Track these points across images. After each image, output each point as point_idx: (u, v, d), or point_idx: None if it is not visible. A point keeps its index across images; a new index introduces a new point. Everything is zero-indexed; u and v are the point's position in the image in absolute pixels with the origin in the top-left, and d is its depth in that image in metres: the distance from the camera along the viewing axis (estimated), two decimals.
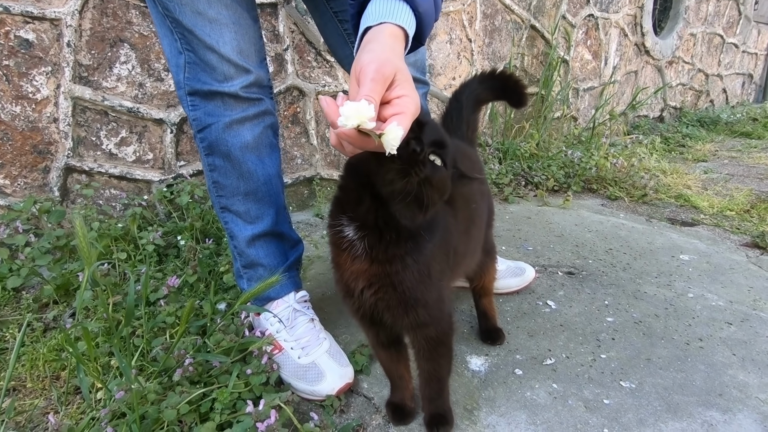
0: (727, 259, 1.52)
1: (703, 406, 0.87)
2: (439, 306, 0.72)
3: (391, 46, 0.59)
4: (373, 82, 0.53)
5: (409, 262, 0.66)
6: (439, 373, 0.78)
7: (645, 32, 3.52)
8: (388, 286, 0.67)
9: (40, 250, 1.19)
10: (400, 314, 0.69)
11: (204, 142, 0.89)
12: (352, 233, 0.65)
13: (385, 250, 0.65)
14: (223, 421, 0.78)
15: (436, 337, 0.74)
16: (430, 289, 0.69)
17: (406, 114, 0.54)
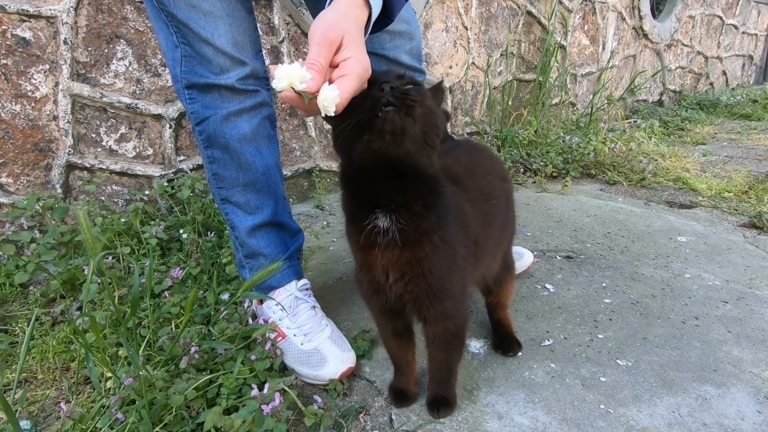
0: (724, 240, 1.53)
1: (698, 381, 0.89)
2: (463, 298, 0.74)
3: (343, 11, 0.60)
4: (318, 45, 0.55)
5: (437, 241, 0.67)
6: (449, 362, 0.80)
7: (643, 15, 3.49)
8: (419, 276, 0.68)
9: (46, 246, 1.21)
10: (426, 306, 0.70)
11: (202, 134, 0.90)
12: (385, 223, 0.66)
13: (416, 226, 0.65)
14: (229, 405, 0.80)
15: (453, 330, 0.75)
16: (456, 277, 0.71)
17: (350, 75, 0.56)
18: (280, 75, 0.52)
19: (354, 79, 0.56)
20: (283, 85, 0.53)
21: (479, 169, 0.87)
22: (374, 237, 0.67)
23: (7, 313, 1.14)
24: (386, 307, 0.74)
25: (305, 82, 0.53)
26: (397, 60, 1.01)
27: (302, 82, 0.53)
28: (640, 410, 0.82)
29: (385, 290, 0.71)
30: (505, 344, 0.99)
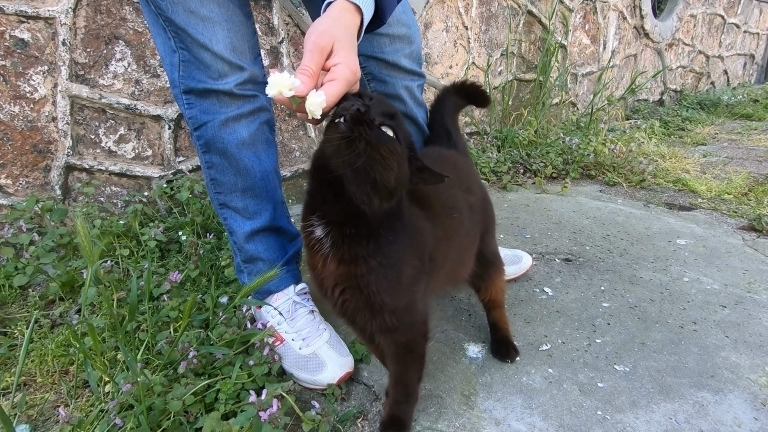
0: (723, 243, 1.53)
1: (695, 387, 0.90)
2: (410, 312, 0.71)
3: (335, 18, 0.63)
4: (310, 52, 0.59)
5: (374, 265, 0.65)
6: (406, 379, 0.78)
7: (644, 15, 3.48)
8: (354, 288, 0.66)
9: (44, 248, 1.21)
10: (368, 317, 0.69)
11: (200, 140, 0.90)
12: (320, 232, 0.66)
13: (348, 248, 0.64)
14: (227, 410, 0.80)
15: (405, 343, 0.73)
16: (399, 294, 0.68)
17: (338, 80, 0.59)
18: (271, 83, 0.57)
19: (342, 83, 0.59)
20: (274, 93, 0.57)
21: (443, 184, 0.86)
22: (313, 242, 0.67)
23: (6, 315, 1.14)
24: (336, 313, 0.73)
25: (294, 89, 0.57)
26: (396, 64, 1.01)
27: (291, 89, 0.57)
28: (637, 416, 0.83)
29: (328, 295, 0.70)
30: (502, 350, 0.99)
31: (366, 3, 0.67)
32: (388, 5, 0.72)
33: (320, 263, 0.67)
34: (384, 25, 0.74)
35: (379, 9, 0.71)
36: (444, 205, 0.80)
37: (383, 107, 0.61)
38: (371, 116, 0.59)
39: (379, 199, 0.61)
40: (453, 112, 1.06)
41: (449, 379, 0.93)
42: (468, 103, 1.08)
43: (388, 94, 1.02)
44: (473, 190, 0.91)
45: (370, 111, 0.59)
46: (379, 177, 0.59)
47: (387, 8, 0.72)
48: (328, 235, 0.65)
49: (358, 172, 0.59)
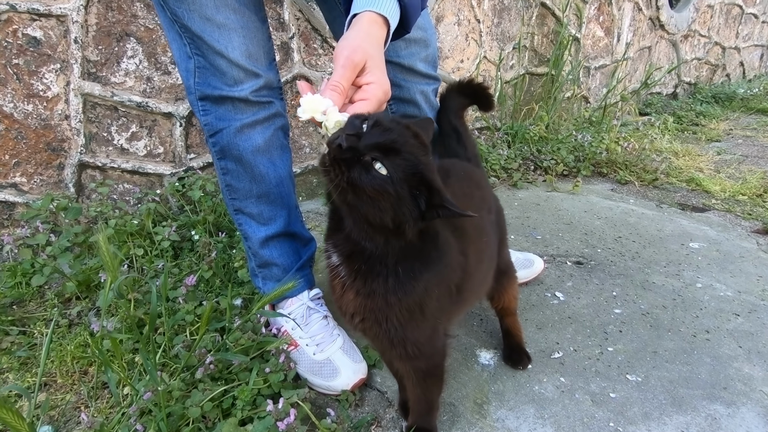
0: (737, 247, 1.52)
1: (708, 399, 0.90)
2: (432, 342, 0.70)
3: (367, 32, 0.62)
4: (342, 68, 0.58)
5: (393, 301, 0.62)
6: (428, 397, 0.78)
7: (660, 5, 3.39)
8: (373, 320, 0.64)
9: (60, 247, 1.22)
10: (387, 347, 0.68)
11: (216, 146, 0.90)
12: (335, 259, 0.64)
13: (364, 283, 0.62)
14: (244, 416, 0.82)
15: (426, 369, 0.72)
16: (421, 328, 0.66)
17: (370, 100, 0.59)
18: (305, 106, 0.56)
19: (373, 104, 0.60)
20: (306, 116, 0.57)
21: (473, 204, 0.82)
22: (331, 267, 0.65)
23: (25, 313, 1.16)
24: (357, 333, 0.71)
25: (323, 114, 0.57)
26: (412, 68, 0.99)
27: (323, 114, 0.56)
28: (649, 429, 0.83)
29: (347, 319, 0.69)
30: (514, 356, 1.00)
31: (392, 13, 0.66)
32: (413, 14, 0.71)
33: (339, 288, 0.66)
34: (407, 33, 0.73)
35: (403, 18, 0.70)
36: (477, 230, 0.79)
37: (381, 137, 0.54)
38: (361, 150, 0.53)
39: (382, 237, 0.58)
40: (459, 110, 1.04)
41: (462, 386, 0.94)
42: (472, 103, 1.05)
43: (403, 98, 1.01)
44: (492, 207, 0.90)
45: (358, 145, 0.53)
46: (371, 217, 0.55)
47: (411, 17, 0.71)
48: (341, 265, 0.63)
49: (350, 209, 0.56)
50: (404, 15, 0.69)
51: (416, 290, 0.63)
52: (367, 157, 0.53)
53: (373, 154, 0.53)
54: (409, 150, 0.55)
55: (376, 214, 0.54)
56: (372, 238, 0.58)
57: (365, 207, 0.54)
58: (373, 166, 0.53)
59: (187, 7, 0.78)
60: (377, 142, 0.53)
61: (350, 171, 0.52)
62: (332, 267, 0.65)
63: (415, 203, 0.56)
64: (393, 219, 0.55)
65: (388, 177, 0.53)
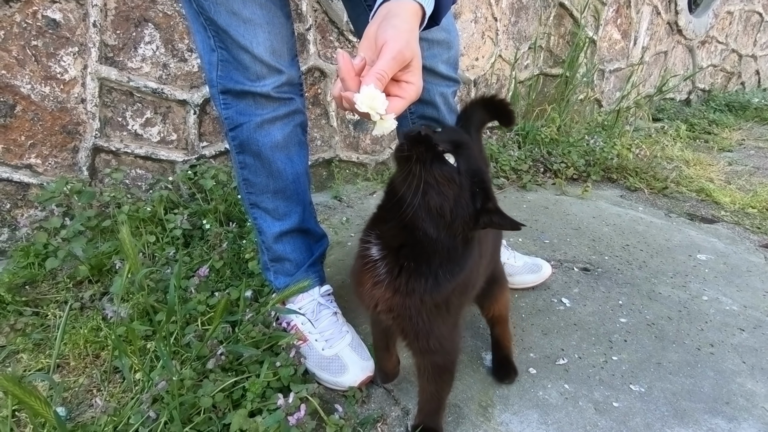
0: (744, 261, 1.52)
1: (710, 413, 0.91)
2: (452, 337, 0.74)
3: (412, 26, 0.61)
4: (393, 60, 0.57)
5: (428, 301, 0.66)
6: (439, 394, 0.80)
7: (679, 10, 3.35)
8: (405, 316, 0.68)
9: (75, 231, 1.23)
10: (412, 340, 0.71)
11: (235, 140, 0.90)
12: (375, 252, 0.66)
13: (406, 283, 0.65)
14: (254, 408, 0.84)
15: (442, 365, 0.76)
16: (446, 323, 0.71)
17: (406, 100, 0.60)
18: (363, 99, 0.56)
19: (407, 103, 0.60)
20: (364, 110, 0.56)
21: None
22: (367, 259, 0.67)
23: (38, 294, 1.18)
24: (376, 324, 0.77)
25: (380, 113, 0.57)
26: (433, 69, 0.99)
27: (378, 113, 0.57)
28: None
29: (373, 313, 0.71)
30: (501, 371, 0.98)
31: (429, 4, 0.64)
32: (445, 5, 0.69)
33: (370, 283, 0.67)
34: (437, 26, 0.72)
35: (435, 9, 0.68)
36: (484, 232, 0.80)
37: (453, 136, 0.62)
38: (434, 141, 0.60)
39: (435, 229, 0.61)
40: (479, 125, 1.04)
41: (467, 388, 0.95)
42: (493, 119, 1.06)
43: (423, 99, 1.01)
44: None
45: (434, 136, 0.60)
46: (432, 203, 0.59)
47: (443, 8, 0.69)
48: (384, 259, 0.65)
49: (414, 194, 0.59)
50: (437, 6, 0.68)
51: (447, 290, 0.67)
52: (441, 147, 0.59)
53: (446, 146, 0.60)
54: (475, 155, 0.62)
55: (439, 200, 0.59)
56: (427, 229, 0.61)
57: (430, 192, 0.59)
58: (444, 156, 0.59)
59: (214, 0, 0.78)
60: (451, 139, 0.61)
61: (425, 156, 0.58)
62: (368, 259, 0.67)
63: (472, 201, 0.61)
64: (451, 210, 0.60)
65: (456, 168, 0.60)
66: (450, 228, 0.61)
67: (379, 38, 0.58)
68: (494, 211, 0.62)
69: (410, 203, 0.60)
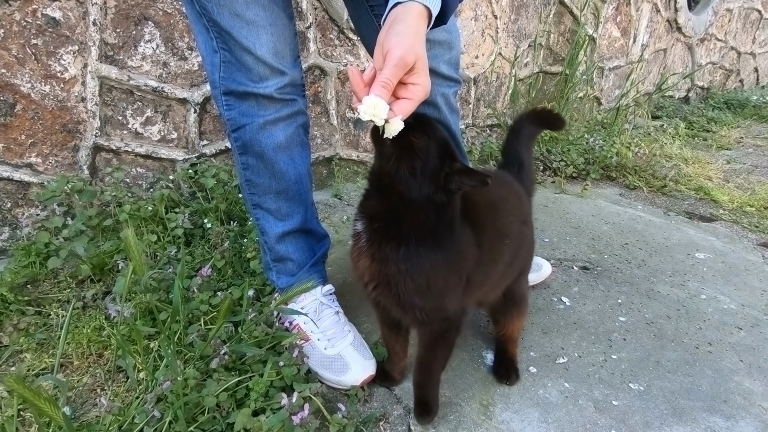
0: (742, 260, 1.53)
1: (708, 411, 0.92)
2: (441, 311, 0.76)
3: (416, 29, 0.63)
4: (395, 68, 0.60)
5: (403, 269, 0.71)
6: (432, 364, 0.83)
7: (679, 8, 3.35)
8: (385, 285, 0.73)
9: (76, 231, 1.24)
10: (400, 313, 0.76)
11: (238, 141, 0.90)
12: (359, 226, 0.74)
13: (379, 248, 0.71)
14: (257, 407, 0.84)
15: (438, 332, 0.79)
16: (428, 298, 0.73)
17: (413, 101, 0.62)
18: (367, 108, 0.59)
19: (415, 104, 0.63)
20: (367, 118, 0.60)
21: (504, 207, 0.87)
22: (354, 233, 0.74)
23: (40, 293, 1.18)
24: (370, 301, 0.80)
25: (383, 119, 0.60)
26: (435, 70, 0.99)
27: (381, 119, 0.60)
28: None
29: (364, 289, 0.77)
30: (502, 371, 0.98)
31: (435, 5, 0.66)
32: (452, 5, 0.71)
33: (356, 255, 0.75)
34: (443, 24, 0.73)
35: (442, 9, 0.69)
36: (499, 231, 0.83)
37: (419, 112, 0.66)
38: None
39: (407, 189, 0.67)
40: (530, 139, 1.08)
41: (468, 387, 0.96)
42: (543, 128, 1.12)
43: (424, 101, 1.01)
44: (529, 225, 0.94)
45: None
46: (404, 165, 0.65)
47: (450, 8, 0.70)
48: (365, 230, 0.72)
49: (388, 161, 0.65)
50: (443, 6, 0.69)
51: (422, 263, 0.71)
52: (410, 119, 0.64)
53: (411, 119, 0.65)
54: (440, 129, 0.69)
55: (410, 162, 0.65)
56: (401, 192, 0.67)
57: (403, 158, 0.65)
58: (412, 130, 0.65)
59: (217, 2, 0.78)
60: (418, 114, 0.66)
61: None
62: (355, 234, 0.73)
63: (441, 163, 0.67)
64: (422, 170, 0.66)
65: (426, 136, 0.66)
66: (421, 188, 0.66)
67: (385, 46, 0.60)
68: (462, 170, 0.67)
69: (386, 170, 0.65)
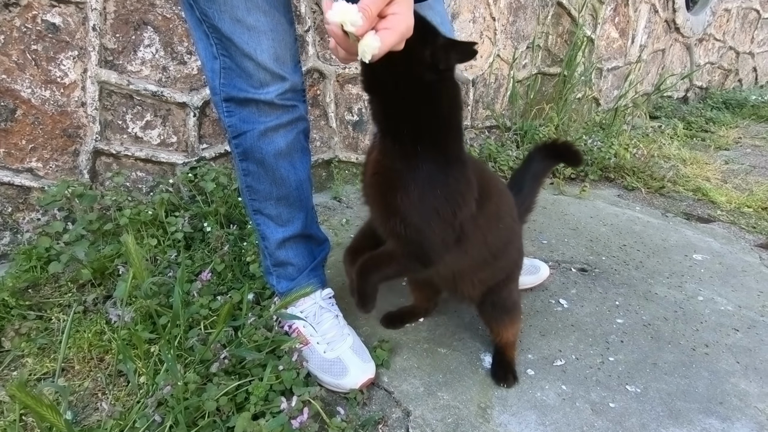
0: (740, 261, 1.54)
1: (704, 413, 0.93)
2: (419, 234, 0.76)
3: None
4: None
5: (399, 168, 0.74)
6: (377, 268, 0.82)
7: (677, 8, 3.35)
8: (380, 175, 0.77)
9: (77, 235, 1.24)
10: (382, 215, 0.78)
11: (239, 148, 0.91)
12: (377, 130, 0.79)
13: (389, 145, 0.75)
14: (257, 411, 0.85)
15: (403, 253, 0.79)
16: (411, 209, 0.75)
17: (393, 30, 0.59)
18: (336, 10, 0.57)
19: (395, 35, 0.60)
20: (336, 21, 0.57)
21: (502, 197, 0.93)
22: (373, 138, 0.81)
23: (41, 298, 1.19)
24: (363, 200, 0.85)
25: (355, 26, 0.57)
26: None
27: (353, 25, 0.57)
28: None
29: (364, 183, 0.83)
30: (500, 373, 0.99)
31: None
32: None
33: (370, 150, 0.81)
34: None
35: None
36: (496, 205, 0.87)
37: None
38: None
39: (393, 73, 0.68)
40: (541, 173, 1.13)
41: (466, 389, 0.97)
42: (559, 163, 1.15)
43: None
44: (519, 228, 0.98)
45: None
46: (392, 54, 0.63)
47: None
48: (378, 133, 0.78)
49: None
50: None
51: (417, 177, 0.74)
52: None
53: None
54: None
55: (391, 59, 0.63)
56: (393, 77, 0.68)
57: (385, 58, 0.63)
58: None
59: (218, 8, 0.78)
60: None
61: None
62: (374, 135, 0.80)
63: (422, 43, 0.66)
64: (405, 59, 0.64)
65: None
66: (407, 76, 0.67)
67: None
68: (447, 44, 0.67)
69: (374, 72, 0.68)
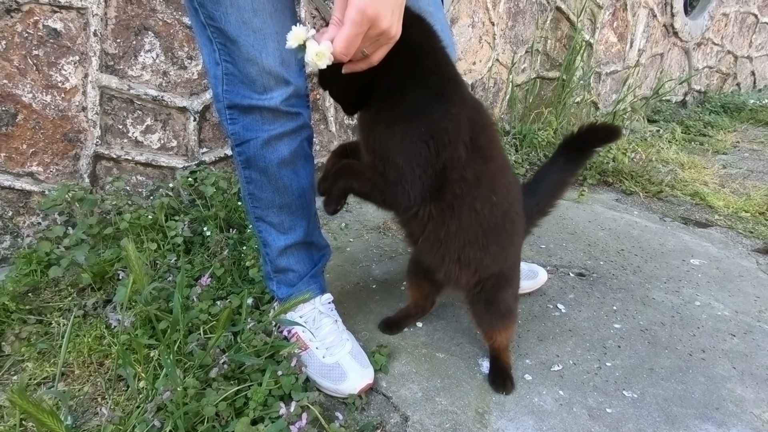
0: (737, 266, 1.55)
1: (700, 419, 0.94)
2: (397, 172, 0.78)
3: None
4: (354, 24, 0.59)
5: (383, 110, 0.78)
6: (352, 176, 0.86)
7: (675, 12, 3.37)
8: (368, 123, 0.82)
9: (77, 240, 1.25)
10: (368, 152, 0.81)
11: (242, 155, 0.91)
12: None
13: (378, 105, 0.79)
14: (256, 416, 0.86)
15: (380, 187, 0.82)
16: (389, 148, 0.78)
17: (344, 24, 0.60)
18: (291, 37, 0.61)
19: (348, 27, 0.58)
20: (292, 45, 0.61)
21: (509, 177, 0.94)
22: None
23: (41, 302, 1.20)
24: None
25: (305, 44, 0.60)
26: None
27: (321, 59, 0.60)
28: None
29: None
30: (498, 380, 1.00)
31: None
32: None
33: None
34: None
35: None
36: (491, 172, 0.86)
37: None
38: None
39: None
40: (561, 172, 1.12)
41: (464, 394, 0.98)
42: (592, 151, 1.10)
43: None
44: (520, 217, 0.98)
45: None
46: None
47: None
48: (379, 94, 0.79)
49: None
50: None
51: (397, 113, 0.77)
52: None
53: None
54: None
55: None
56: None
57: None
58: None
59: (225, 9, 0.78)
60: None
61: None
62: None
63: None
64: None
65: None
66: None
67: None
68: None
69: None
